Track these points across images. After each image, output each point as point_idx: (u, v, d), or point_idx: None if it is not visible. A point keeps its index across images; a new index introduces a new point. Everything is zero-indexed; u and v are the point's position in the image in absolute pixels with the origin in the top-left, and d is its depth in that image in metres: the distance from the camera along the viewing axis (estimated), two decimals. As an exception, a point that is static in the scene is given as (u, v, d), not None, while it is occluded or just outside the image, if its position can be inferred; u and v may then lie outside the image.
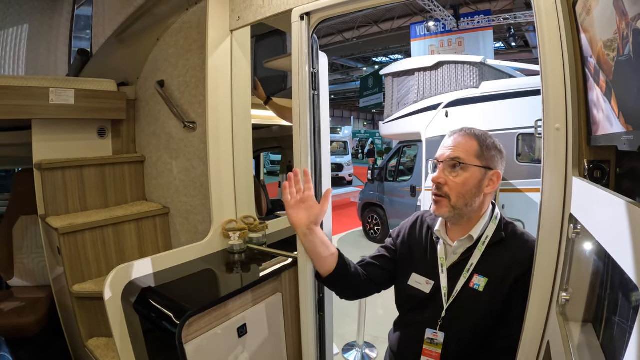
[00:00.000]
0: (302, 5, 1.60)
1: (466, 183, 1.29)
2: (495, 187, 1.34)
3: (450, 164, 1.31)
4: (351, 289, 1.53)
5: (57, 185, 2.38)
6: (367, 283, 1.50)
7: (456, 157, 1.30)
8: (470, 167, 1.29)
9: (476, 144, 1.31)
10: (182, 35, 2.31)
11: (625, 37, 0.69)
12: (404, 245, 1.52)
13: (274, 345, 1.71)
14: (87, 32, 4.08)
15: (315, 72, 1.64)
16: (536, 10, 1.10)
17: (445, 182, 1.31)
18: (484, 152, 1.31)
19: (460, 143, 1.32)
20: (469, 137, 1.33)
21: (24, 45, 4.39)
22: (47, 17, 4.45)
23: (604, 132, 0.91)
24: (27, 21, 4.39)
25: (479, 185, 1.30)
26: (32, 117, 2.34)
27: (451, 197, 1.30)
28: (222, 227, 1.98)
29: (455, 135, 1.36)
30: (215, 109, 1.94)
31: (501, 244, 1.32)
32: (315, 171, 1.69)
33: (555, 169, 1.09)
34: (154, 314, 1.40)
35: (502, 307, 1.26)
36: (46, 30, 4.43)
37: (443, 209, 1.32)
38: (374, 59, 20.32)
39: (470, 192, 1.29)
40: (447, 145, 1.35)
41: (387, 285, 1.55)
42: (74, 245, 2.22)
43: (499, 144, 1.36)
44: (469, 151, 1.30)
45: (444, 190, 1.31)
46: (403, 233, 1.54)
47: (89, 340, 2.28)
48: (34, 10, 4.39)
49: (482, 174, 1.30)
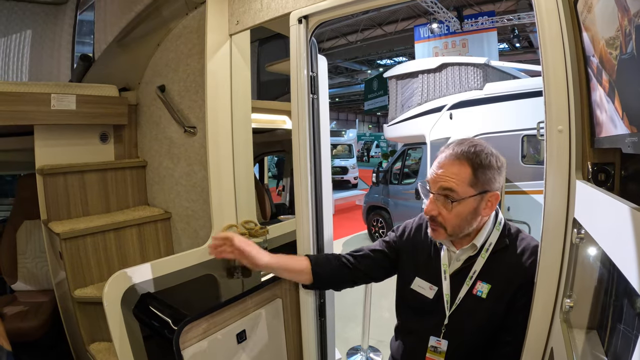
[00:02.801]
0: (300, 8, 1.60)
1: (460, 215, 1.24)
2: (494, 208, 1.29)
3: (442, 194, 1.24)
4: (337, 287, 1.59)
5: (59, 191, 2.38)
6: (357, 277, 1.52)
7: (449, 188, 1.22)
8: (465, 200, 1.22)
9: (469, 170, 1.22)
10: (182, 40, 2.31)
11: (628, 34, 0.67)
12: (407, 246, 1.48)
13: (274, 351, 1.70)
14: (90, 37, 4.11)
15: (314, 76, 1.63)
16: (537, 10, 1.08)
17: (439, 214, 1.26)
18: (479, 177, 1.22)
19: (453, 172, 1.23)
20: (460, 162, 1.23)
21: (27, 51, 4.43)
22: (49, 23, 4.49)
23: (608, 133, 0.89)
24: (30, 27, 4.43)
25: (475, 212, 1.25)
26: (34, 122, 2.35)
27: (447, 228, 1.26)
28: (222, 232, 1.96)
29: (446, 160, 1.26)
30: (215, 113, 1.94)
31: (505, 250, 1.29)
32: (315, 175, 1.68)
33: (558, 172, 1.07)
34: (153, 320, 1.41)
35: (506, 314, 1.24)
36: (49, 36, 4.48)
37: (440, 236, 1.30)
38: (378, 61, 20.36)
39: (466, 220, 1.25)
40: (436, 173, 1.26)
41: (379, 279, 1.55)
42: (75, 250, 2.23)
43: (496, 156, 1.26)
44: (463, 180, 1.22)
45: (438, 221, 1.27)
46: (408, 233, 1.50)
47: (91, 345, 2.28)
48: (36, 17, 4.43)
49: (477, 201, 1.23)
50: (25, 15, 4.41)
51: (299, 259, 1.53)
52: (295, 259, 1.54)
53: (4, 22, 4.37)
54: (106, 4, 3.09)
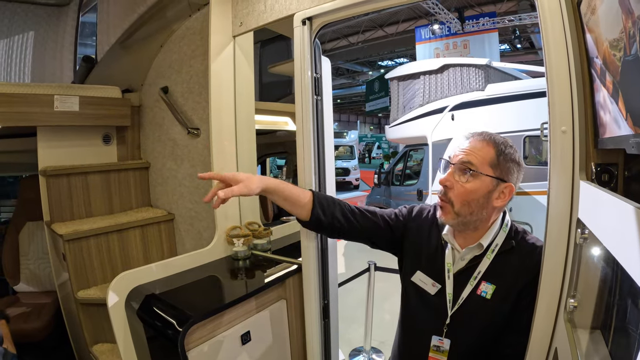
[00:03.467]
0: (304, 10, 1.60)
1: (474, 191, 1.23)
2: (506, 201, 1.26)
3: (460, 168, 1.24)
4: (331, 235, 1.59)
5: (62, 192, 2.40)
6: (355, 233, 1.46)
7: (468, 161, 1.23)
8: (481, 175, 1.22)
9: (493, 151, 1.24)
10: (185, 42, 2.32)
11: (632, 36, 0.67)
12: (414, 233, 1.45)
13: (279, 352, 1.70)
14: (92, 38, 4.12)
15: (317, 77, 1.63)
16: (540, 11, 1.08)
17: (452, 186, 1.25)
18: (500, 162, 1.23)
19: (476, 147, 1.25)
20: (487, 142, 1.26)
21: (29, 53, 4.45)
22: (52, 25, 4.50)
23: (612, 134, 0.89)
24: (33, 28, 4.45)
25: (487, 196, 1.24)
26: (37, 124, 2.36)
27: (454, 204, 1.25)
28: (226, 233, 1.97)
29: (473, 139, 1.28)
30: (219, 115, 1.94)
31: (511, 251, 1.28)
32: (319, 176, 1.68)
33: (562, 173, 1.07)
34: (157, 321, 1.40)
35: (510, 314, 1.23)
36: (51, 37, 4.49)
37: (447, 215, 1.27)
38: (379, 62, 20.38)
39: (477, 201, 1.24)
40: (462, 147, 1.28)
41: (377, 247, 1.52)
42: (78, 252, 2.23)
43: (520, 157, 1.28)
44: (484, 158, 1.23)
45: (448, 196, 1.26)
46: (420, 220, 1.46)
47: (94, 346, 2.29)
48: (39, 18, 4.45)
49: (493, 185, 1.23)
50: (28, 17, 4.43)
51: (302, 192, 1.44)
52: (297, 190, 1.44)
53: (6, 24, 4.39)
54: (109, 6, 3.10)
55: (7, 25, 4.38)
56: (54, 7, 4.51)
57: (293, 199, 1.41)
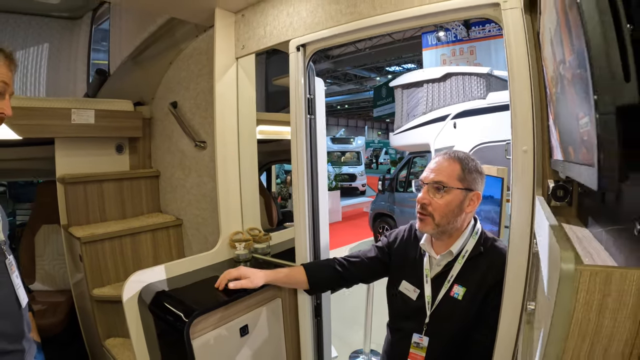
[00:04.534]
0: (298, 37, 1.76)
1: (449, 204, 1.41)
2: (476, 207, 1.45)
3: (434, 187, 1.42)
4: (332, 290, 1.84)
5: (79, 198, 2.58)
6: (350, 280, 1.70)
7: (439, 180, 1.41)
8: (452, 189, 1.40)
9: (459, 167, 1.42)
10: (192, 61, 2.49)
11: (559, 76, 0.80)
12: (398, 252, 1.64)
13: (274, 345, 1.86)
14: (105, 51, 4.26)
15: (311, 98, 1.79)
16: (506, 39, 1.22)
17: (430, 203, 1.42)
18: (466, 175, 1.42)
19: (444, 166, 1.44)
20: (452, 160, 1.44)
21: (44, 64, 4.61)
22: (66, 37, 4.67)
23: (555, 157, 1.03)
24: (48, 40, 4.62)
25: (460, 206, 1.42)
26: (55, 135, 2.54)
27: (435, 217, 1.42)
28: (229, 238, 2.13)
29: (440, 159, 1.47)
30: (223, 131, 2.11)
31: (480, 257, 1.44)
32: (312, 189, 1.85)
33: (523, 188, 1.20)
34: (167, 314, 1.57)
35: (478, 313, 1.39)
36: (65, 49, 4.66)
37: (427, 226, 1.44)
38: (387, 68, 20.30)
39: (453, 212, 1.41)
40: (431, 168, 1.46)
41: (369, 281, 1.81)
42: (94, 253, 2.41)
43: (480, 166, 1.48)
44: (452, 175, 1.41)
45: (428, 210, 1.43)
46: (399, 240, 1.66)
47: (107, 340, 2.47)
48: (53, 30, 4.63)
49: (463, 195, 1.41)
50: (42, 29, 4.59)
51: (296, 272, 1.70)
52: (292, 271, 1.72)
53: (22, 35, 4.51)
54: (121, 22, 3.27)
55: (22, 37, 4.51)
56: (67, 20, 4.68)
57: (291, 281, 1.73)
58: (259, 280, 1.65)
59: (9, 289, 1.25)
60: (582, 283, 0.53)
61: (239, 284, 1.61)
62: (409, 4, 1.44)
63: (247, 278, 1.63)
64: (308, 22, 1.73)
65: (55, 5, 4.34)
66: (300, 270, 1.68)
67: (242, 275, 1.64)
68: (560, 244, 0.58)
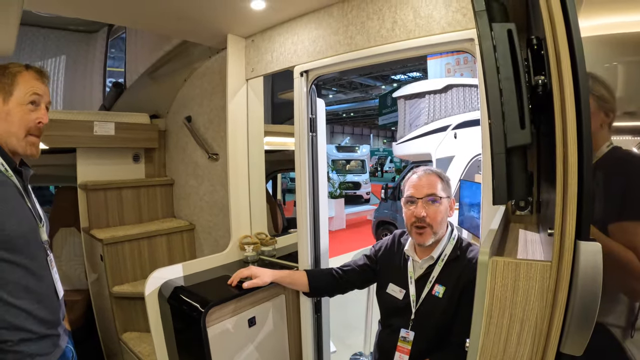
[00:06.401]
0: (302, 64, 1.99)
1: (442, 212, 1.64)
2: (454, 210, 1.70)
3: (428, 200, 1.64)
4: (330, 295, 2.03)
5: (99, 203, 2.81)
6: (345, 287, 1.91)
7: (434, 193, 1.64)
8: (443, 199, 1.64)
9: (439, 180, 1.66)
10: (206, 79, 2.72)
11: None
12: (384, 259, 1.86)
13: (278, 337, 2.08)
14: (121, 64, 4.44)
15: (313, 118, 2.03)
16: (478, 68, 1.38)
17: (427, 215, 1.63)
18: (444, 186, 1.67)
19: (431, 180, 1.65)
20: (434, 175, 1.67)
21: (62, 75, 4.82)
22: (82, 50, 4.88)
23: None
24: (65, 52, 4.84)
25: (446, 212, 1.66)
26: (78, 145, 2.77)
27: (433, 226, 1.63)
28: (239, 241, 2.36)
29: (421, 175, 1.68)
30: (235, 146, 2.33)
31: (457, 259, 1.66)
32: (313, 200, 2.08)
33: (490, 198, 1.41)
34: (184, 306, 1.80)
35: (456, 310, 1.59)
36: (82, 61, 4.87)
37: (428, 237, 1.64)
38: (392, 76, 20.32)
39: (444, 219, 1.66)
40: (420, 185, 1.67)
41: (362, 287, 1.96)
42: (114, 254, 2.64)
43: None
44: (438, 187, 1.65)
45: (427, 222, 1.64)
46: (384, 249, 1.89)
47: (124, 334, 2.68)
48: (70, 43, 4.84)
49: (447, 203, 1.66)
50: (60, 42, 4.80)
51: (298, 275, 1.94)
52: (295, 274, 1.95)
53: (40, 47, 4.71)
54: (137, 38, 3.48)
55: (40, 49, 4.71)
56: (83, 34, 4.89)
57: (294, 282, 1.95)
58: (268, 278, 1.88)
59: (50, 282, 1.43)
60: (498, 270, 0.76)
61: (252, 284, 1.84)
62: (397, 38, 1.67)
63: (257, 277, 1.86)
64: (310, 50, 1.96)
65: (72, 19, 4.51)
66: (303, 275, 1.91)
67: (253, 275, 1.87)
68: (484, 243, 0.81)
